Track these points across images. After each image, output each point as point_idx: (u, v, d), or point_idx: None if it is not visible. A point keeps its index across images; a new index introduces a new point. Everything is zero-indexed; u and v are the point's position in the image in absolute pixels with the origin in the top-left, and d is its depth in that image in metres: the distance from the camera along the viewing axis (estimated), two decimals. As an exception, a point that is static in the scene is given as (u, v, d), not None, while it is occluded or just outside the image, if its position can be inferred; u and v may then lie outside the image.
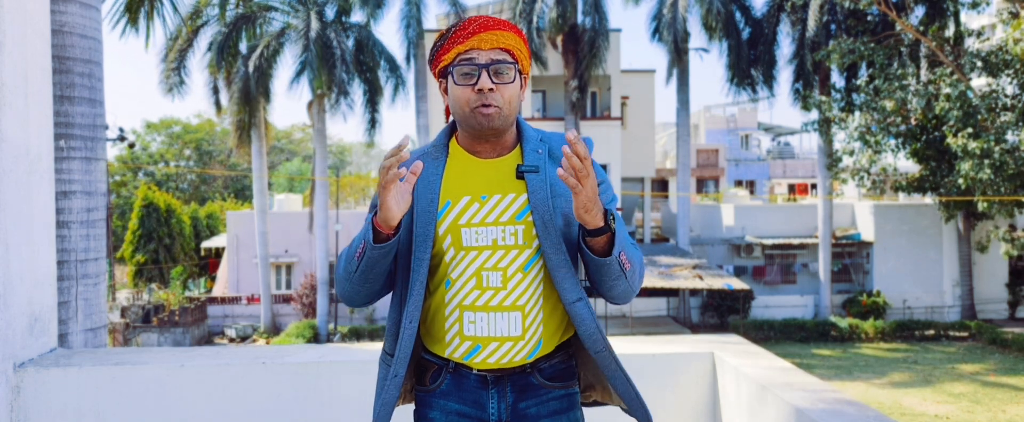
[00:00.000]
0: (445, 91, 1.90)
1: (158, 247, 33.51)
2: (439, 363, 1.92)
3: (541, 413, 1.91)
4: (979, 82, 23.09)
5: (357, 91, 25.01)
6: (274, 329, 26.56)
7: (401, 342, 1.88)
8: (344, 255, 1.88)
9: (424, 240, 1.85)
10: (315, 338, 23.58)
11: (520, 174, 1.86)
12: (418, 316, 1.87)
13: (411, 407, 2.04)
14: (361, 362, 3.11)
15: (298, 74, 23.94)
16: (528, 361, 1.89)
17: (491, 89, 1.81)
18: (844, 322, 23.79)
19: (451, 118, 1.96)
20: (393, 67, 25.06)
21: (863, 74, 24.23)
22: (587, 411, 2.06)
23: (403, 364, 1.89)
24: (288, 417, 3.07)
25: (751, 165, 46.92)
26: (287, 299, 28.18)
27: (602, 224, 1.75)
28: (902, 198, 31.07)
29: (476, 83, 1.81)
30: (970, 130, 20.04)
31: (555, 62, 25.86)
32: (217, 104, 26.93)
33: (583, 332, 1.87)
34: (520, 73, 1.88)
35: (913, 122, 22.57)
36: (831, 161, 24.90)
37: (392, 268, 1.90)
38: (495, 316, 1.85)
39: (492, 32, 1.85)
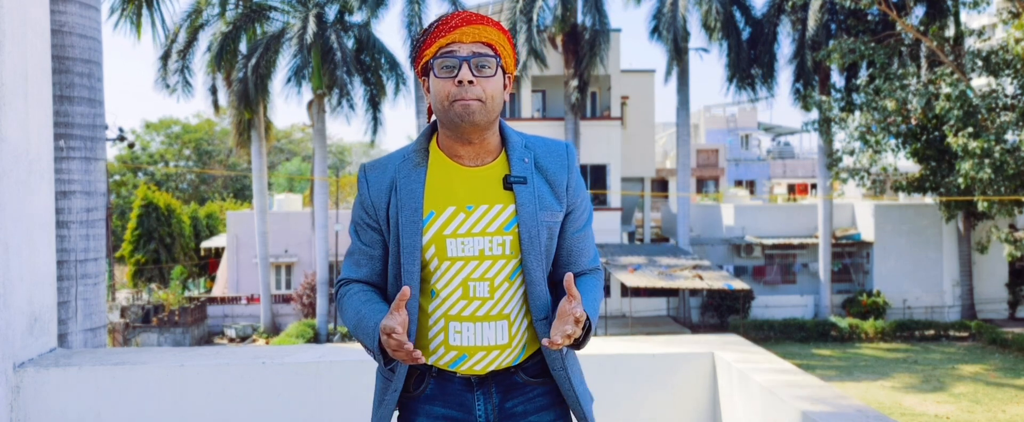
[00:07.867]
0: (428, 89, 1.86)
1: (158, 247, 33.52)
2: (422, 368, 1.89)
3: (529, 409, 1.89)
4: (979, 82, 23.07)
5: (358, 91, 24.98)
6: (274, 329, 26.55)
7: None
8: (351, 327, 1.86)
9: (412, 252, 1.82)
10: (315, 338, 23.57)
11: (508, 185, 1.83)
12: (415, 329, 1.84)
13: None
14: (361, 362, 3.10)
15: (293, 76, 23.90)
16: (513, 365, 1.89)
17: (471, 81, 1.76)
18: (844, 322, 23.78)
19: (433, 119, 1.92)
20: (394, 66, 25.03)
21: (863, 74, 24.21)
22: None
23: (402, 379, 1.88)
24: (288, 417, 3.06)
25: (751, 165, 46.90)
26: (287, 299, 28.17)
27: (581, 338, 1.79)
28: (902, 198, 31.06)
29: (456, 75, 1.77)
30: (970, 130, 20.03)
31: (555, 62, 25.83)
32: (215, 104, 26.91)
33: (544, 348, 1.87)
34: (503, 71, 1.84)
35: (913, 122, 22.55)
36: (831, 161, 24.87)
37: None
38: (482, 326, 1.84)
39: (474, 26, 1.80)
